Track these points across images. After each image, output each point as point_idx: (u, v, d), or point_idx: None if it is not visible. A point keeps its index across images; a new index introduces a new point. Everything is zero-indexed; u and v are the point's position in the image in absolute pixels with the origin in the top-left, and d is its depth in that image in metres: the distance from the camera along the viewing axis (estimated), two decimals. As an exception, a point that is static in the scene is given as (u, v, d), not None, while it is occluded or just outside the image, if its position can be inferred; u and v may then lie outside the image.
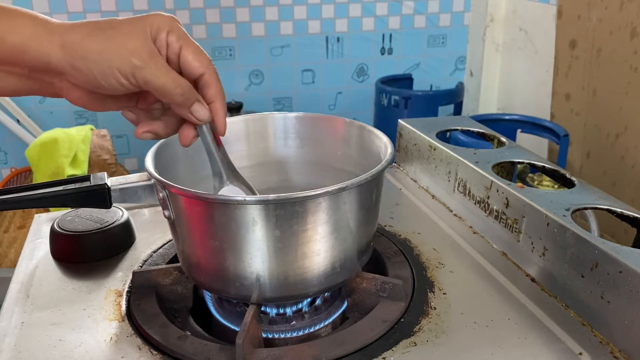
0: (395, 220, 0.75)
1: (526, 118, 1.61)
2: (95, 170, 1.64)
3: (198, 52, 0.46)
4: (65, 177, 0.95)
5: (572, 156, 1.63)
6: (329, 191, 0.48)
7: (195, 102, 0.46)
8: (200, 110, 0.46)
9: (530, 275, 0.62)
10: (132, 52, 0.42)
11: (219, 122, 0.48)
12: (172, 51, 0.45)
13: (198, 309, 0.60)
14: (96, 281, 0.62)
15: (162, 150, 0.57)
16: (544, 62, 1.84)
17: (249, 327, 0.49)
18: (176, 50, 0.45)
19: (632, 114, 1.44)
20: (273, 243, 0.49)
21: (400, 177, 0.90)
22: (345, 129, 0.65)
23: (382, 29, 2.23)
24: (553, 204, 0.61)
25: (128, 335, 0.53)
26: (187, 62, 0.46)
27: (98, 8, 1.95)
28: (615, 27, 1.46)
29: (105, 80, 0.43)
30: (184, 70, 0.46)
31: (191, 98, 0.46)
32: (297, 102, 2.25)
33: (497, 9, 2.10)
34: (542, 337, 0.52)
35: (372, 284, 0.57)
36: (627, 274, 0.49)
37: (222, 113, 0.48)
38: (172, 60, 0.46)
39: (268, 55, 2.16)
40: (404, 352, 0.50)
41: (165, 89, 0.44)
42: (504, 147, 0.79)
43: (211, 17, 2.05)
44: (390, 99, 1.94)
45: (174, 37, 0.45)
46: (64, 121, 2.03)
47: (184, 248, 0.54)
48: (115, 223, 0.68)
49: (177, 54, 0.45)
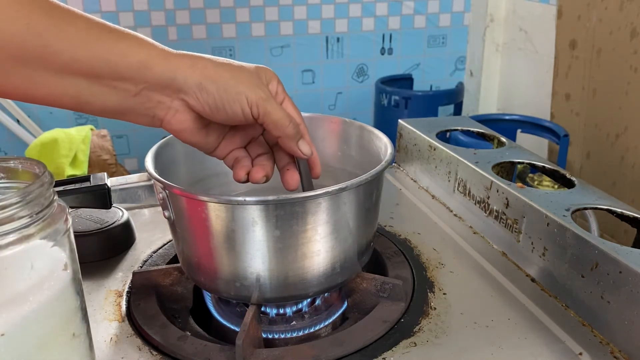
0: (395, 220, 0.75)
1: (526, 118, 1.61)
2: (95, 171, 1.64)
3: (295, 107, 0.52)
4: (65, 177, 0.95)
5: (572, 156, 1.63)
6: (329, 191, 0.48)
7: (301, 138, 0.51)
8: (305, 145, 0.51)
9: (530, 275, 0.62)
10: (259, 85, 0.47)
11: (317, 164, 0.54)
12: (278, 99, 0.50)
13: (198, 309, 0.60)
14: (96, 281, 0.62)
15: (162, 150, 0.57)
16: (544, 62, 1.84)
17: (248, 327, 0.49)
18: (281, 99, 0.50)
19: (632, 114, 1.44)
20: (273, 243, 0.49)
21: (400, 177, 0.90)
22: (345, 129, 0.65)
23: (382, 29, 2.23)
24: (553, 204, 0.61)
25: (128, 336, 0.53)
26: (289, 111, 0.51)
27: (98, 8, 1.96)
28: (615, 27, 1.46)
29: (230, 104, 0.46)
30: None
31: (299, 133, 0.50)
32: (297, 102, 2.23)
33: (497, 9, 2.10)
34: (542, 337, 0.52)
35: (372, 284, 0.57)
36: (627, 274, 0.49)
37: (317, 157, 0.54)
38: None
39: (268, 55, 2.16)
40: (404, 352, 0.50)
41: (282, 122, 0.48)
42: (504, 147, 0.79)
43: (211, 17, 2.05)
44: (390, 99, 1.94)
45: (281, 88, 0.51)
46: (64, 121, 2.03)
47: (184, 248, 0.54)
48: (115, 223, 0.68)
49: (280, 102, 0.50)
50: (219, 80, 0.45)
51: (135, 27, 1.99)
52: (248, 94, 0.46)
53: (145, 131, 2.08)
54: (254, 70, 0.48)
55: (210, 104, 0.46)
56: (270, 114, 0.47)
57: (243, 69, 0.47)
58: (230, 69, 0.46)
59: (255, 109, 0.46)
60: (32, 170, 0.39)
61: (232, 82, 0.45)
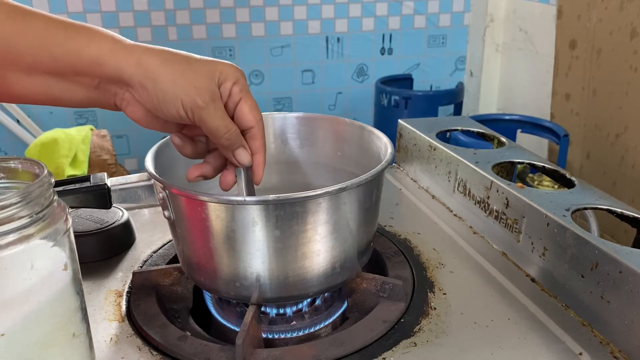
0: (395, 220, 0.75)
1: (526, 118, 1.61)
2: (95, 171, 1.64)
3: (253, 107, 0.50)
4: (65, 178, 0.95)
5: (572, 156, 1.63)
6: (329, 191, 0.48)
7: (240, 147, 0.50)
8: (243, 155, 0.50)
9: (530, 275, 0.62)
10: (199, 91, 0.46)
11: (257, 172, 0.52)
12: (232, 100, 0.49)
13: (198, 309, 0.60)
14: (96, 281, 0.62)
15: (162, 150, 0.57)
16: (544, 62, 1.84)
17: (249, 327, 0.49)
18: (236, 100, 0.49)
19: (632, 114, 1.44)
20: (273, 243, 0.49)
21: (400, 177, 0.90)
22: (345, 129, 0.65)
23: (382, 29, 2.23)
24: (553, 204, 0.61)
25: (128, 336, 0.53)
26: (242, 113, 0.49)
27: (98, 8, 1.95)
28: (615, 27, 1.46)
29: (166, 107, 0.46)
30: (237, 119, 0.50)
31: (236, 143, 0.49)
32: (297, 102, 2.25)
33: (497, 9, 2.10)
34: (542, 337, 0.52)
35: (372, 284, 0.57)
36: (627, 274, 0.49)
37: (262, 165, 0.52)
38: (229, 108, 0.49)
39: (268, 55, 2.16)
40: (404, 352, 0.50)
41: (216, 131, 0.48)
42: (504, 147, 0.79)
43: (211, 17, 2.05)
44: (390, 99, 1.94)
45: (237, 88, 0.49)
46: (64, 121, 2.03)
47: (184, 248, 0.54)
48: (115, 223, 0.68)
49: (235, 104, 0.49)
50: (158, 80, 0.45)
51: (135, 27, 1.99)
52: (183, 99, 0.45)
53: (145, 131, 2.08)
54: (206, 70, 0.47)
55: (150, 102, 0.47)
56: (205, 122, 0.47)
57: (190, 70, 0.46)
58: (175, 69, 0.46)
59: (191, 114, 0.46)
60: (32, 170, 0.39)
61: (170, 86, 0.45)
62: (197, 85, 0.46)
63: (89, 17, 1.95)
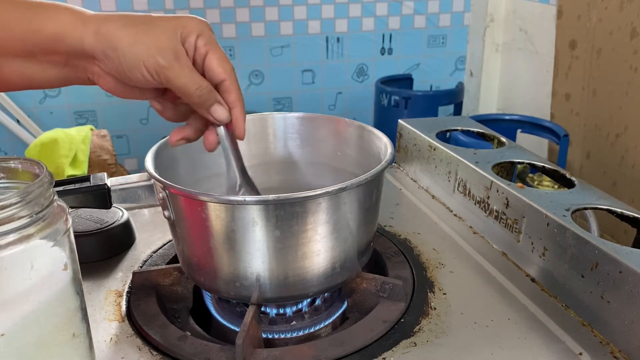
0: (395, 220, 0.75)
1: (526, 118, 1.61)
2: (95, 171, 1.64)
3: (222, 59, 0.48)
4: (65, 178, 0.95)
5: (572, 156, 1.63)
6: (329, 191, 0.48)
7: (214, 104, 0.48)
8: (219, 111, 0.48)
9: (530, 275, 0.62)
10: (160, 50, 0.44)
11: (238, 126, 0.50)
12: (198, 54, 0.47)
13: (198, 309, 0.60)
14: (96, 281, 0.62)
15: (162, 150, 0.57)
16: (544, 62, 1.84)
17: (249, 327, 0.49)
18: (202, 54, 0.47)
19: (632, 114, 1.44)
20: (273, 243, 0.49)
21: (400, 177, 0.90)
22: (345, 129, 0.65)
23: (382, 29, 2.23)
24: (553, 204, 0.61)
25: (128, 336, 0.53)
26: (211, 67, 0.47)
27: (98, 8, 1.95)
28: (615, 27, 1.46)
29: (131, 72, 0.45)
30: (207, 74, 0.48)
31: (210, 99, 0.48)
32: (297, 102, 2.25)
33: (497, 9, 2.10)
34: (542, 337, 0.52)
35: (372, 284, 0.57)
36: (627, 274, 0.49)
37: (241, 118, 0.50)
38: (198, 63, 0.48)
39: (268, 55, 2.16)
40: (404, 352, 0.50)
41: (185, 90, 0.46)
42: (504, 147, 0.79)
43: (211, 17, 2.05)
44: (390, 99, 1.94)
45: (202, 41, 0.47)
46: (64, 121, 2.03)
47: (184, 248, 0.54)
48: (115, 223, 0.68)
49: (203, 57, 0.47)
50: (118, 46, 0.44)
51: (135, 27, 1.99)
52: (145, 61, 0.44)
53: (145, 131, 2.08)
54: (167, 28, 0.45)
55: (115, 70, 0.46)
56: (172, 82, 0.45)
57: (150, 30, 0.45)
58: (134, 32, 0.44)
59: (156, 76, 0.45)
60: (32, 170, 0.39)
61: (130, 49, 0.44)
62: (158, 44, 0.44)
63: (89, 17, 1.94)
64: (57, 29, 0.44)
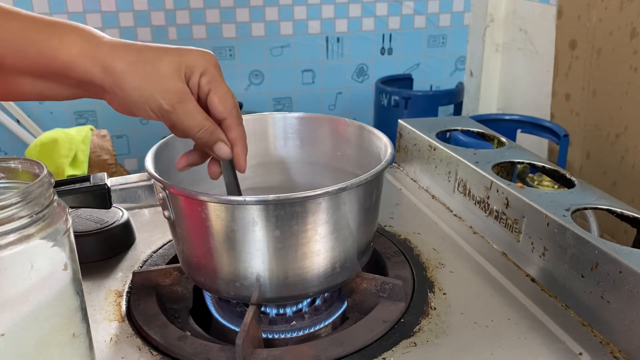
0: (395, 220, 0.75)
1: (526, 118, 1.61)
2: (95, 171, 1.64)
3: (224, 97, 0.48)
4: (65, 178, 0.95)
5: (572, 156, 1.63)
6: (329, 191, 0.48)
7: (217, 142, 0.49)
8: (221, 149, 0.50)
9: (530, 275, 0.62)
10: (164, 94, 0.45)
11: (239, 162, 0.52)
12: (202, 92, 0.48)
13: (198, 309, 0.60)
14: (96, 281, 0.62)
15: (162, 150, 0.57)
16: (544, 62, 1.84)
17: (249, 327, 0.49)
18: (205, 92, 0.48)
19: (632, 114, 1.44)
20: (273, 243, 0.49)
21: (400, 177, 0.90)
22: (345, 129, 0.65)
23: (382, 29, 2.23)
24: (553, 204, 0.61)
25: (128, 336, 0.53)
26: (213, 105, 0.49)
27: (98, 8, 1.95)
28: (615, 27, 1.46)
29: (137, 110, 0.46)
30: (210, 111, 0.49)
31: (212, 140, 0.49)
32: (297, 102, 2.25)
33: (497, 9, 2.10)
34: (542, 337, 0.52)
35: (372, 284, 0.57)
36: (627, 274, 0.49)
37: (242, 155, 0.51)
38: (202, 100, 0.49)
39: (268, 55, 2.16)
40: (404, 352, 0.50)
41: (189, 132, 0.48)
42: (504, 147, 0.79)
43: (211, 17, 2.05)
44: (390, 99, 1.94)
45: (205, 79, 0.47)
46: (64, 121, 2.03)
47: (184, 248, 0.54)
48: (115, 223, 0.68)
49: (206, 95, 0.48)
50: (123, 87, 0.45)
51: (135, 27, 1.99)
52: (150, 104, 0.45)
53: (145, 131, 2.09)
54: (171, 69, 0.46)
55: (123, 106, 0.47)
56: (175, 124, 0.47)
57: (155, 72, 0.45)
58: (141, 75, 0.45)
59: (161, 117, 0.46)
60: (32, 170, 0.39)
61: (135, 92, 0.45)
62: (162, 88, 0.45)
63: (89, 17, 1.95)
64: (68, 58, 0.44)
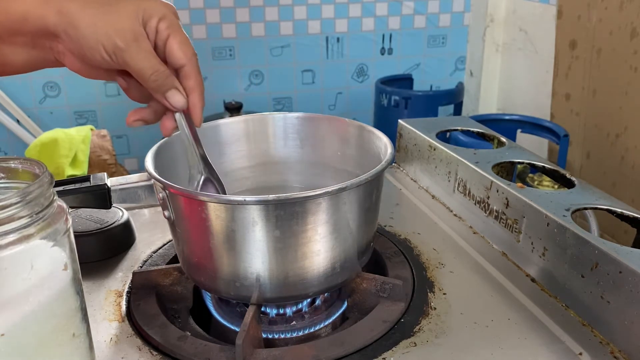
0: (395, 220, 0.75)
1: (526, 118, 1.61)
2: (95, 171, 1.64)
3: (183, 43, 0.47)
4: (65, 178, 0.95)
5: (572, 156, 1.63)
6: (329, 191, 0.48)
7: (171, 89, 0.47)
8: (175, 97, 0.48)
9: (530, 275, 0.62)
10: (118, 32, 0.44)
11: (194, 113, 0.50)
12: (160, 38, 0.47)
13: (198, 309, 0.60)
14: (96, 281, 0.62)
15: (162, 150, 0.57)
16: (544, 62, 1.84)
17: (248, 327, 0.49)
18: (164, 38, 0.47)
19: (632, 114, 1.44)
20: (273, 243, 0.49)
21: (400, 177, 0.90)
22: (345, 129, 0.65)
23: (382, 29, 2.23)
24: (553, 204, 0.61)
25: (128, 336, 0.53)
26: (171, 51, 0.47)
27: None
28: (615, 27, 1.46)
29: (91, 53, 0.45)
30: (168, 58, 0.47)
31: (166, 85, 0.47)
32: (297, 102, 2.25)
33: (497, 9, 2.10)
34: (542, 337, 0.52)
35: (372, 284, 0.57)
36: (627, 274, 0.49)
37: (199, 105, 0.49)
38: (159, 47, 0.47)
39: (268, 55, 2.16)
40: (404, 352, 0.50)
41: (141, 74, 0.46)
42: (504, 147, 0.79)
43: (211, 17, 2.05)
44: (390, 99, 1.94)
45: (164, 24, 0.46)
46: (64, 121, 2.03)
47: (184, 248, 0.54)
48: (115, 223, 0.68)
49: (164, 41, 0.47)
50: (78, 26, 0.44)
51: (135, 27, 1.99)
52: (104, 42, 0.44)
53: (145, 131, 2.08)
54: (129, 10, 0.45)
55: (76, 50, 0.46)
56: (129, 64, 0.45)
57: (112, 11, 0.44)
58: (95, 13, 0.44)
59: (114, 57, 0.45)
60: (32, 170, 0.39)
61: (90, 29, 0.44)
62: (117, 26, 0.44)
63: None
64: (23, 9, 0.44)
